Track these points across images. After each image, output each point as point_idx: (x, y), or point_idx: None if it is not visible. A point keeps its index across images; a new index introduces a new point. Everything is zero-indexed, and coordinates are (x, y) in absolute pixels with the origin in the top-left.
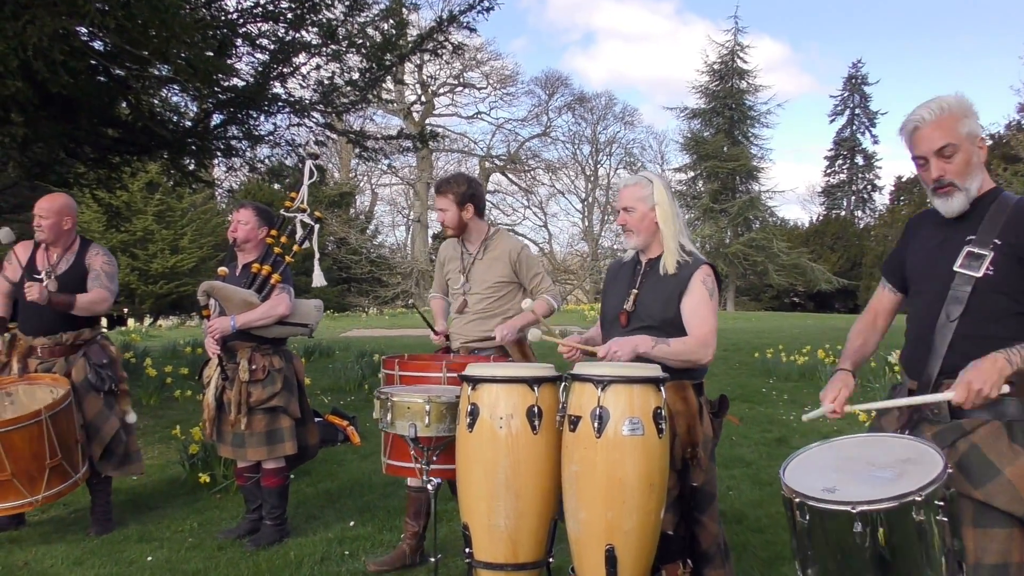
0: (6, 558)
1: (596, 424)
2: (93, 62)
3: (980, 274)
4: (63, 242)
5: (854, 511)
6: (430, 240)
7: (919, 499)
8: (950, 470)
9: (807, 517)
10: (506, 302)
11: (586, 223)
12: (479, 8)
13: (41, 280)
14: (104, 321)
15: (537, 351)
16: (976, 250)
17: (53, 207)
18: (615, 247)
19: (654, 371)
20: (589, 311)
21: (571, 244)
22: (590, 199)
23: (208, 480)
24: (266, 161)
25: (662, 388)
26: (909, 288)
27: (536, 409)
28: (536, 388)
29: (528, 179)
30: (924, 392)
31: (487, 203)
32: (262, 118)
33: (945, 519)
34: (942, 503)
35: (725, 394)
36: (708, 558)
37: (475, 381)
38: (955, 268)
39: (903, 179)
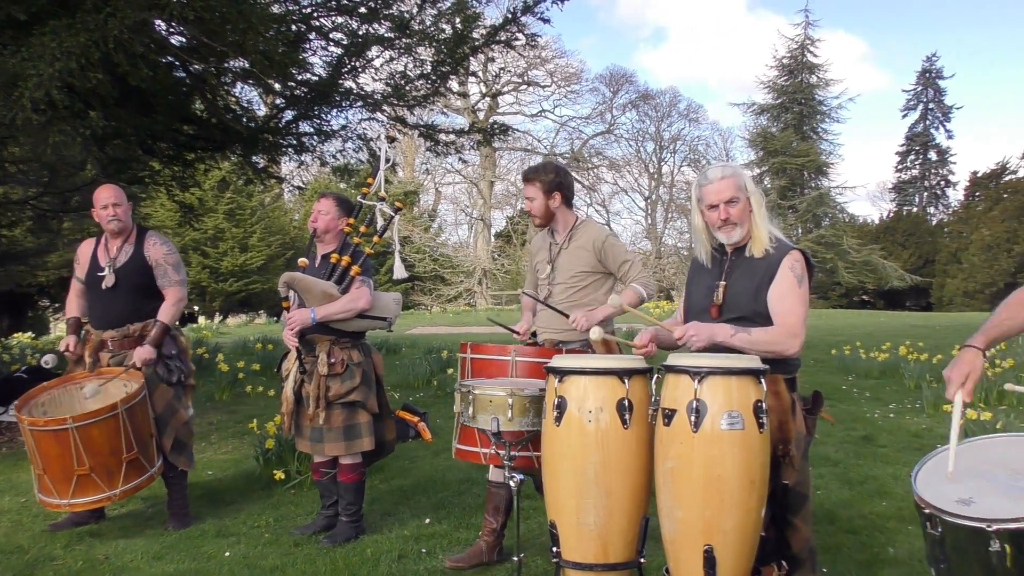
0: (87, 552)
1: (693, 418)
2: (171, 58)
3: None
4: (125, 232)
5: (990, 529)
6: (492, 239)
7: None
8: None
9: (939, 529)
10: (591, 292)
11: (649, 221)
12: None
13: (104, 276)
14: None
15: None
16: None
17: (122, 195)
18: (678, 245)
19: (754, 362)
20: (654, 308)
21: (634, 242)
22: (653, 197)
23: (282, 476)
24: (337, 156)
25: (762, 380)
26: None
27: (627, 402)
28: (626, 380)
29: (591, 177)
30: None
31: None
32: (334, 113)
33: None
34: None
35: (819, 390)
36: (799, 562)
37: (562, 373)
38: None
39: (978, 174)
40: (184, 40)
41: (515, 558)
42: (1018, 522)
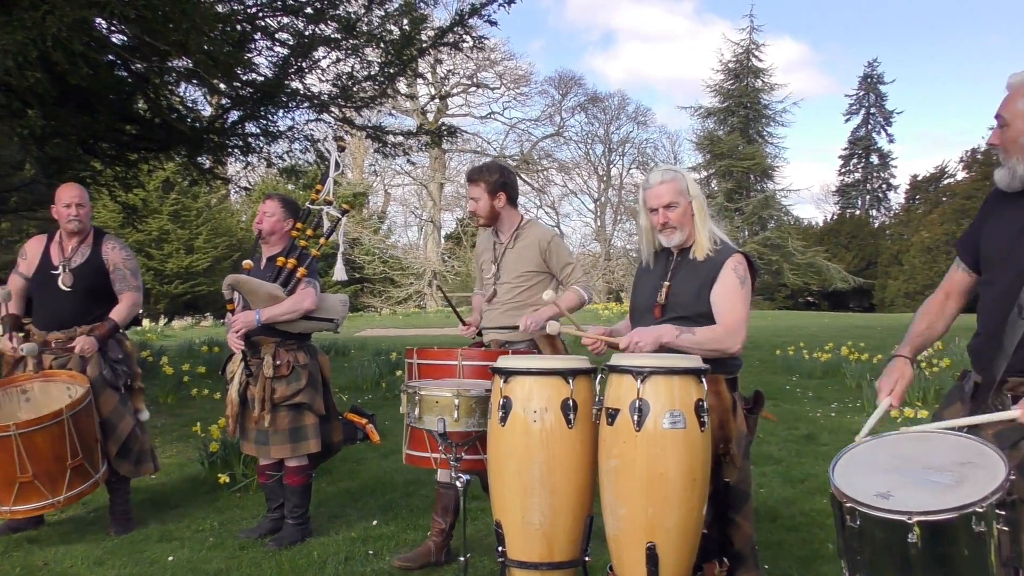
0: (25, 558)
1: (636, 417)
2: (112, 56)
3: None
4: (83, 233)
5: (910, 521)
6: (442, 241)
7: (980, 510)
8: (1013, 476)
9: (859, 522)
10: (536, 292)
11: (598, 223)
12: (501, 1)
13: (57, 275)
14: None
15: (570, 346)
16: None
17: (86, 196)
18: (628, 247)
19: (695, 362)
20: (603, 310)
21: (583, 244)
22: (603, 199)
23: (228, 479)
24: (284, 157)
25: (704, 380)
26: (982, 273)
27: (571, 402)
28: (571, 380)
29: (541, 179)
30: (989, 387)
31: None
32: (280, 113)
33: (1007, 528)
34: (1003, 512)
35: (760, 390)
36: (741, 559)
37: (507, 373)
38: None
39: (918, 178)
40: (126, 39)
41: (461, 558)
42: (936, 514)
